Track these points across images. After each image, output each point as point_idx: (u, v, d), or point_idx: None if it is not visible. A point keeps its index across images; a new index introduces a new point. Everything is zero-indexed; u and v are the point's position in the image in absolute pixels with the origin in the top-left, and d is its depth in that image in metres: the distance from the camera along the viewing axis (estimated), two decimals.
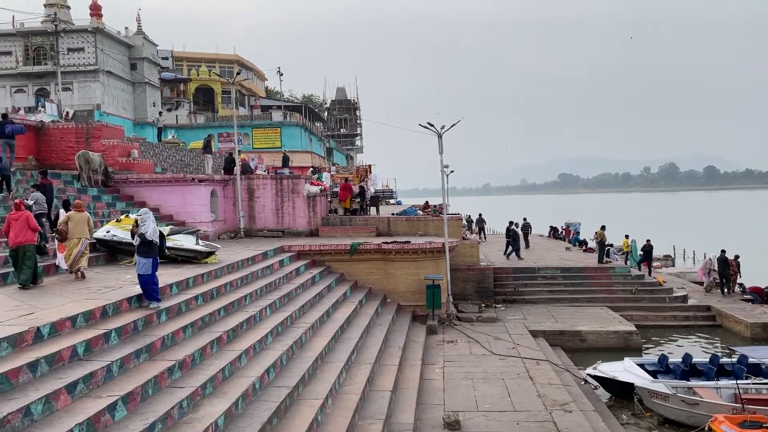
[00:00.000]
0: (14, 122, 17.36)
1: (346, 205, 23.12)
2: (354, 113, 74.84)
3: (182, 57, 61.82)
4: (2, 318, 7.61)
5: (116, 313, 8.87)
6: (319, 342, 11.77)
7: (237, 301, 11.68)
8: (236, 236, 20.81)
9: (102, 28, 46.56)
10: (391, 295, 18.32)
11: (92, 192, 18.09)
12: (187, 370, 8.26)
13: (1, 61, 46.16)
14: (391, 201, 40.27)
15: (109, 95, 46.79)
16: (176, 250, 13.53)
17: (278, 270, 15.61)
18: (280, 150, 48.82)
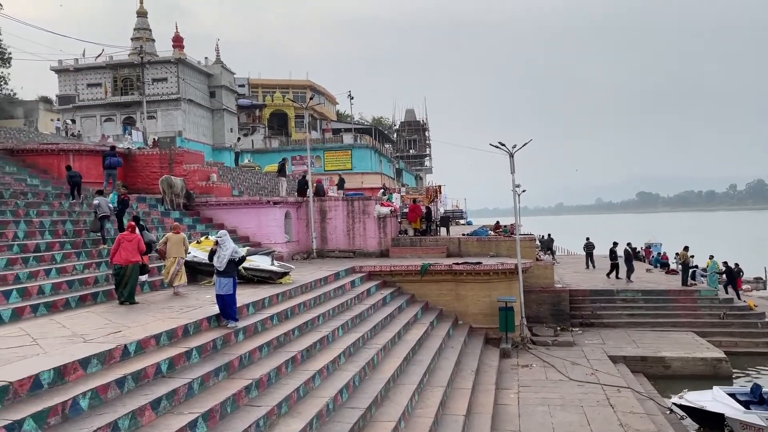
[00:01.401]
0: (116, 155, 19.12)
1: (416, 225, 23.13)
2: (423, 134, 75.13)
3: (258, 84, 64.15)
4: (92, 336, 8.02)
5: (197, 331, 9.18)
6: (391, 363, 11.72)
7: (310, 321, 11.84)
8: (309, 257, 21.19)
9: (183, 59, 49.09)
10: (463, 317, 18.07)
11: (174, 215, 18.91)
12: (264, 389, 8.42)
13: (93, 92, 49.41)
14: (461, 221, 39.99)
15: (189, 122, 49.09)
16: (253, 271, 13.90)
17: (350, 290, 15.74)
18: (351, 172, 49.63)
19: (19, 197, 14.71)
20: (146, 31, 51.02)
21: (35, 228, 13.21)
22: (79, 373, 6.65)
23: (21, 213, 13.75)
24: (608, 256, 25.63)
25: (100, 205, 14.03)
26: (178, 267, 12.07)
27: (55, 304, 10.00)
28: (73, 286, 11.11)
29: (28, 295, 10.04)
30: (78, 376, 6.62)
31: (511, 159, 18.63)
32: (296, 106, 58.85)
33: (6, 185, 16.33)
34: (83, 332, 8.22)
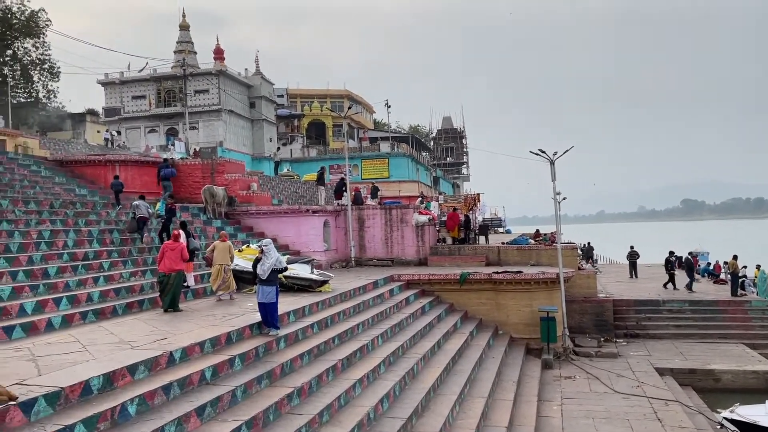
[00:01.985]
0: (170, 166, 20.30)
1: (454, 234, 22.98)
2: (460, 142, 74.84)
3: (296, 94, 64.99)
4: (139, 342, 8.19)
5: (239, 339, 9.28)
6: (431, 373, 11.63)
7: (350, 330, 11.84)
8: (347, 265, 21.26)
9: (224, 71, 50.12)
10: (503, 327, 17.83)
11: (216, 224, 19.24)
12: (305, 397, 8.44)
13: (137, 104, 50.85)
14: (499, 229, 39.57)
15: (230, 132, 50.02)
16: (293, 279, 14.01)
17: (389, 299, 15.71)
18: (389, 180, 49.72)
19: (68, 207, 15.19)
20: (188, 44, 52.31)
21: (84, 237, 13.60)
22: (127, 379, 6.79)
23: (70, 222, 14.18)
24: (664, 266, 25.01)
25: (139, 207, 14.89)
26: (225, 274, 12.45)
27: (103, 311, 10.26)
28: (119, 293, 11.39)
29: (77, 302, 10.32)
30: (126, 383, 6.75)
31: (552, 166, 18.37)
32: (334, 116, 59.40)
33: (56, 195, 16.89)
34: (130, 339, 8.40)
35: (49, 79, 47.55)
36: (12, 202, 13.71)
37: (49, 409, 5.71)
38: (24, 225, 12.77)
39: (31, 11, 45.26)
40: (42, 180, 18.51)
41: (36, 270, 10.86)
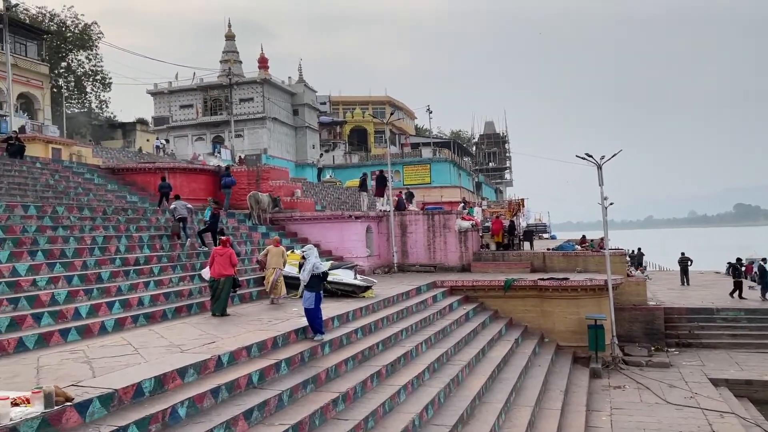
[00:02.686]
0: (231, 175, 21.22)
1: (498, 239, 22.72)
2: (502, 146, 74.12)
3: (338, 101, 65.59)
4: (188, 346, 8.35)
5: (285, 344, 9.36)
6: (475, 381, 11.49)
7: (394, 336, 11.82)
8: (390, 271, 21.25)
9: (269, 79, 50.95)
10: (549, 335, 17.49)
11: (261, 229, 19.52)
12: (350, 403, 8.45)
13: (185, 113, 52.13)
14: (544, 235, 38.91)
15: (274, 140, 50.78)
16: (336, 284, 14.08)
17: (432, 305, 15.62)
18: (430, 186, 49.58)
19: (120, 213, 15.64)
20: (234, 54, 53.39)
21: (135, 242, 13.98)
22: (177, 382, 6.92)
23: (122, 228, 14.60)
24: (730, 273, 24.15)
25: (176, 208, 15.52)
26: (277, 277, 12.91)
27: (154, 315, 10.51)
28: (169, 297, 11.65)
29: (129, 306, 10.60)
30: (176, 385, 6.88)
31: (599, 171, 17.98)
32: (376, 122, 59.68)
33: (108, 202, 17.43)
34: (180, 342, 8.57)
35: (101, 90, 49.29)
36: (67, 208, 14.20)
37: (103, 410, 5.86)
38: (79, 231, 13.21)
39: (84, 24, 47.03)
40: (95, 187, 19.15)
41: (90, 274, 11.20)
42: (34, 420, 5.15)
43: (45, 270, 10.67)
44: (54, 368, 7.03)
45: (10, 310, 8.92)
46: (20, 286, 9.72)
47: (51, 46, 43.46)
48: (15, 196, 15.11)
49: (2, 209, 12.45)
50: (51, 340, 8.42)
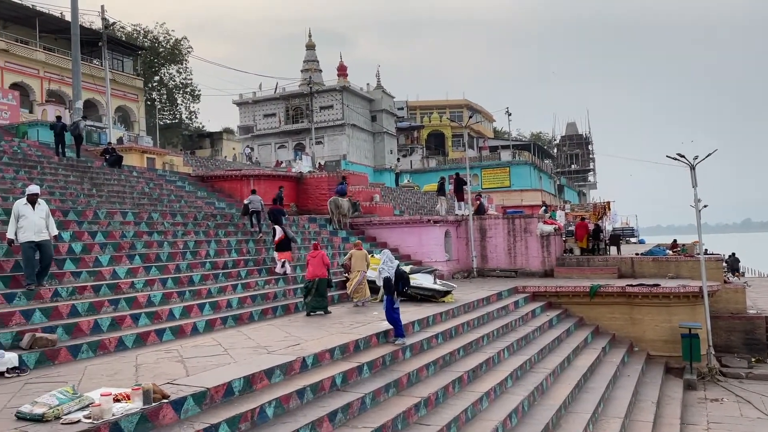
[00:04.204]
0: (344, 183, 22.55)
1: (582, 244, 21.98)
2: (585, 148, 71.79)
3: (416, 106, 65.77)
4: (274, 347, 8.59)
5: (367, 347, 9.44)
6: (561, 390, 11.15)
7: (475, 342, 11.67)
8: (469, 276, 21.02)
9: (347, 87, 51.84)
10: (638, 344, 16.73)
11: (342, 234, 19.84)
12: (432, 408, 8.41)
13: (268, 121, 53.90)
14: (632, 240, 37.33)
15: (353, 146, 51.58)
16: (416, 289, 14.05)
17: (513, 311, 15.32)
18: (510, 189, 48.73)
19: (209, 219, 16.35)
20: (314, 63, 54.72)
21: (223, 247, 14.56)
22: (264, 382, 7.12)
23: (211, 233, 15.25)
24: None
25: (252, 201, 16.54)
26: (361, 279, 13.28)
27: (241, 316, 10.89)
28: (255, 300, 12.04)
29: (218, 308, 11.04)
30: (263, 386, 7.09)
31: (692, 172, 17.05)
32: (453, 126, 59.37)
33: (198, 208, 18.26)
34: (266, 344, 8.83)
35: (190, 102, 51.88)
36: (161, 215, 15.00)
37: (197, 408, 6.12)
38: (172, 236, 13.91)
39: (175, 39, 49.66)
40: (186, 194, 20.12)
41: (182, 277, 11.76)
42: (133, 416, 5.45)
43: (142, 273, 11.30)
44: (151, 366, 7.41)
45: (111, 310, 9.49)
46: (120, 289, 10.33)
47: (145, 61, 46.16)
48: (114, 203, 16.11)
49: (104, 215, 13.31)
50: (148, 339, 8.89)
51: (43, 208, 9.14)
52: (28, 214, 8.91)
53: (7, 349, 7.30)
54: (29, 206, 8.96)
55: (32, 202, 9.01)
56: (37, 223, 8.90)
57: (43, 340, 7.60)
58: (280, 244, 14.31)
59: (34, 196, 9.05)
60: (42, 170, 17.09)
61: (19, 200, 9.29)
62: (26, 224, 8.85)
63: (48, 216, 9.17)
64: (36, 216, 8.94)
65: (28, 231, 8.84)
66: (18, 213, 8.92)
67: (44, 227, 9.01)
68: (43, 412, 5.21)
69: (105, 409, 5.29)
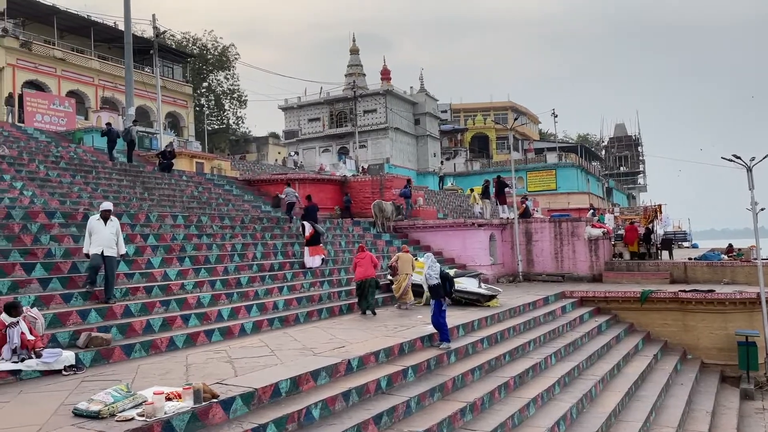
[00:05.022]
0: (408, 187, 23.48)
1: (632, 248, 21.43)
2: (635, 150, 70.03)
3: (459, 108, 65.42)
4: (320, 349, 8.65)
5: (411, 351, 9.42)
6: (610, 397, 10.88)
7: (521, 347, 11.50)
8: (514, 280, 20.74)
9: (391, 90, 51.95)
10: (692, 351, 16.18)
11: (385, 237, 19.87)
12: (477, 413, 8.32)
13: (313, 126, 54.49)
14: (684, 244, 36.18)
15: (396, 149, 51.64)
16: (461, 293, 13.95)
17: (560, 316, 15.03)
18: (556, 192, 47.91)
19: (256, 222, 16.63)
20: (358, 67, 55.05)
21: (270, 250, 14.78)
22: (310, 384, 7.18)
23: (258, 236, 15.50)
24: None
25: (288, 194, 18.15)
26: (409, 282, 13.40)
27: (287, 318, 11.03)
28: (301, 302, 12.17)
29: (265, 309, 11.20)
30: (310, 387, 7.15)
31: (749, 174, 16.41)
32: (498, 128, 58.80)
33: (245, 212, 18.60)
34: (312, 346, 8.91)
35: (237, 107, 52.88)
36: (210, 218, 15.33)
37: (245, 408, 6.22)
38: (220, 239, 14.20)
39: (223, 47, 50.76)
40: (233, 198, 20.52)
41: (231, 279, 11.99)
42: (184, 414, 5.57)
43: (192, 275, 11.57)
44: (200, 366, 7.57)
45: (162, 311, 9.75)
46: (171, 290, 10.59)
47: (194, 67, 47.35)
48: (165, 206, 16.55)
49: (155, 218, 13.69)
50: (197, 340, 9.09)
51: (114, 224, 9.41)
52: (100, 229, 9.19)
53: (64, 347, 7.58)
54: (101, 222, 9.25)
55: (105, 218, 9.28)
56: (107, 238, 9.17)
57: (98, 339, 7.86)
58: (311, 240, 14.73)
59: (107, 213, 9.33)
60: (97, 175, 17.70)
61: (92, 216, 9.57)
62: (97, 239, 9.14)
63: (118, 233, 9.41)
64: (107, 231, 9.22)
65: (97, 245, 9.12)
66: (91, 229, 9.22)
67: (114, 243, 9.25)
68: (98, 410, 5.39)
69: (157, 408, 5.43)
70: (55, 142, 22.16)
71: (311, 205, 16.70)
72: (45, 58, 32.94)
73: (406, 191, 23.01)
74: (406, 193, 22.88)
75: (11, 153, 16.89)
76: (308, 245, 14.72)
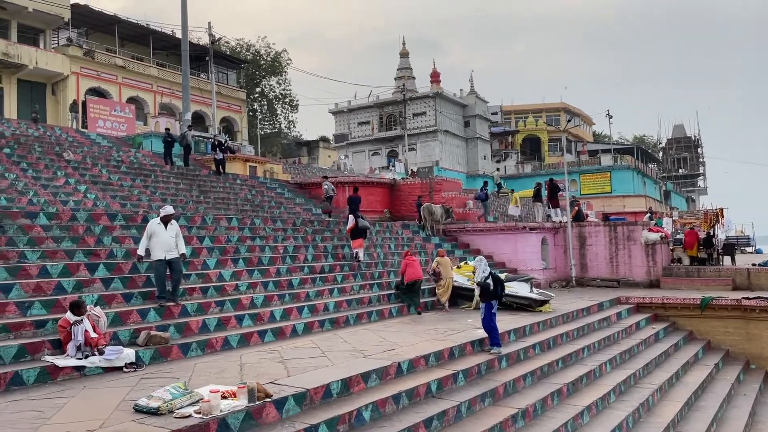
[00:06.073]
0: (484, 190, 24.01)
1: (692, 253, 20.67)
2: (695, 151, 67.56)
3: (510, 110, 64.63)
4: (370, 352, 8.70)
5: (461, 355, 9.36)
6: (668, 407, 10.52)
7: (574, 354, 11.25)
8: (567, 285, 20.33)
9: (440, 93, 51.81)
10: (756, 361, 15.47)
11: (434, 240, 19.81)
12: (529, 420, 8.19)
13: (362, 129, 54.86)
14: (747, 249, 34.66)
15: (445, 152, 51.43)
16: (512, 297, 13.77)
17: (615, 323, 14.64)
18: (611, 195, 46.71)
19: (307, 225, 16.85)
20: (407, 70, 55.13)
21: (320, 252, 14.96)
22: (361, 386, 7.23)
23: (309, 239, 15.71)
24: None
25: (328, 189, 19.37)
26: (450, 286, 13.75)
27: (338, 320, 11.13)
28: (351, 304, 12.27)
29: (316, 311, 11.34)
30: (360, 389, 7.19)
31: None
32: (550, 129, 57.83)
33: (297, 214, 18.89)
34: (362, 348, 8.96)
35: (289, 111, 53.74)
36: (263, 220, 15.64)
37: (297, 408, 6.31)
38: (273, 241, 14.47)
39: (275, 52, 51.71)
40: (285, 201, 20.88)
41: (282, 281, 12.19)
42: (239, 413, 5.69)
43: (245, 276, 11.83)
44: (254, 366, 7.72)
45: (218, 311, 10.00)
46: (225, 291, 10.86)
47: (247, 73, 48.40)
48: (220, 209, 16.98)
49: (210, 221, 14.06)
50: (251, 340, 9.28)
51: (174, 227, 9.56)
52: (161, 233, 9.34)
53: (125, 345, 7.87)
54: (162, 226, 9.41)
55: (166, 222, 9.44)
56: (167, 242, 9.32)
57: (157, 337, 8.12)
58: (353, 232, 15.07)
59: (168, 217, 9.50)
60: (155, 178, 18.31)
61: (153, 220, 9.71)
62: (157, 243, 9.27)
63: (178, 235, 9.56)
64: (167, 235, 9.36)
65: (159, 249, 9.26)
66: (151, 232, 9.38)
67: (174, 246, 9.40)
68: (158, 406, 5.57)
69: (213, 406, 5.57)
70: (116, 146, 23.05)
71: (353, 196, 17.10)
72: (107, 66, 34.31)
73: (482, 194, 23.47)
74: (482, 196, 23.38)
75: (76, 157, 17.67)
76: (351, 238, 15.23)
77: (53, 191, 14.35)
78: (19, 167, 15.38)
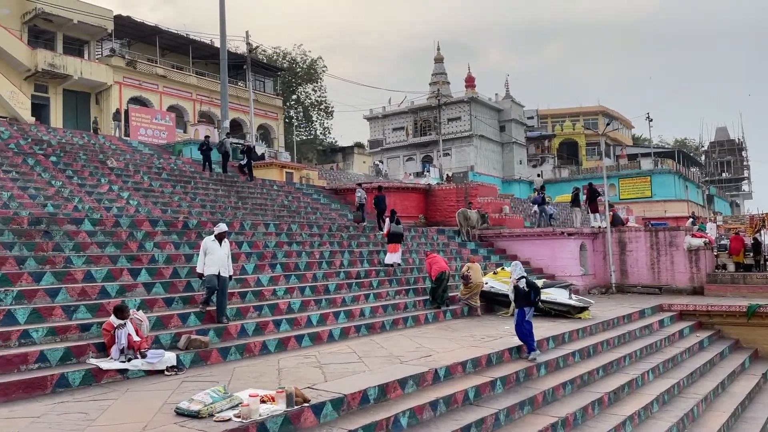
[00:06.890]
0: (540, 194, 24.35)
1: (738, 259, 20.02)
2: (739, 154, 65.62)
3: (546, 114, 63.88)
4: (406, 358, 8.66)
5: (499, 362, 9.25)
6: (714, 418, 10.20)
7: (615, 362, 11.01)
8: (607, 291, 19.92)
9: (476, 98, 51.56)
10: None
11: (470, 246, 19.66)
12: (569, 429, 8.04)
13: (397, 135, 54.94)
14: None
15: (480, 157, 51.10)
16: (550, 304, 13.57)
17: (658, 331, 14.27)
18: (651, 200, 45.70)
19: (343, 230, 16.93)
20: (442, 75, 55.07)
21: (356, 257, 15.01)
22: (398, 392, 7.20)
23: (345, 244, 15.78)
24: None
25: (360, 197, 19.43)
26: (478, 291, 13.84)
27: (374, 325, 11.13)
28: (387, 310, 12.25)
29: (352, 316, 11.37)
30: (397, 395, 7.17)
31: None
32: (587, 133, 56.95)
33: (332, 220, 19.00)
34: (398, 354, 8.94)
35: (324, 118, 54.24)
36: (300, 226, 15.78)
37: (335, 414, 6.32)
38: (309, 246, 14.58)
39: (311, 60, 52.27)
40: (321, 206, 21.03)
41: (319, 286, 12.26)
42: (278, 417, 5.74)
43: (282, 281, 11.93)
44: (292, 370, 7.78)
45: (256, 316, 10.11)
46: (263, 295, 10.98)
47: (284, 81, 49.04)
48: (257, 215, 17.20)
49: (248, 226, 14.25)
50: (288, 344, 9.35)
51: (227, 246, 9.66)
52: (216, 250, 9.44)
53: (166, 349, 8.02)
54: (217, 243, 9.51)
55: (220, 239, 9.54)
56: (222, 259, 9.42)
57: (197, 341, 8.26)
58: (390, 236, 15.12)
59: (223, 234, 9.60)
60: (195, 185, 18.67)
61: (207, 237, 9.84)
62: (213, 259, 9.37)
63: (228, 255, 9.63)
64: (222, 252, 9.46)
65: (214, 265, 9.35)
66: (206, 249, 9.49)
67: (227, 263, 9.50)
68: (198, 409, 5.65)
69: (253, 410, 5.62)
70: (157, 154, 23.60)
71: (379, 195, 17.29)
72: (148, 76, 35.19)
73: (538, 198, 23.52)
74: (538, 200, 23.40)
75: (119, 165, 18.15)
76: (388, 242, 15.31)
77: (97, 198, 14.76)
78: (65, 175, 15.87)
